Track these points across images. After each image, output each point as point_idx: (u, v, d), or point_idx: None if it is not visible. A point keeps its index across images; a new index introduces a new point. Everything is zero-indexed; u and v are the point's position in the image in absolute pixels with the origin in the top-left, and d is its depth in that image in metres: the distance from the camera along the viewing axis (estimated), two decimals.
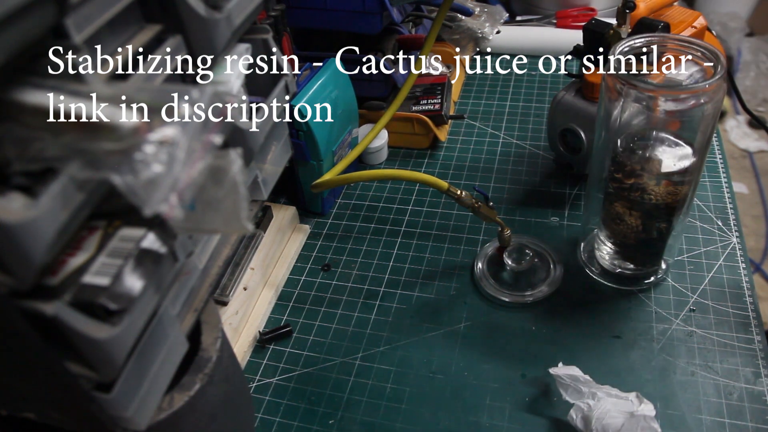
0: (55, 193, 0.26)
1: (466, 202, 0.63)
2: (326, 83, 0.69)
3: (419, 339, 0.61)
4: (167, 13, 0.36)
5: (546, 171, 0.79)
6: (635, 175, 0.54)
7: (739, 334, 0.58)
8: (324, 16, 0.76)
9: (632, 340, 0.59)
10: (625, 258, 0.63)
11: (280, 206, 0.73)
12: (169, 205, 0.26)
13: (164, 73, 0.35)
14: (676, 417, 0.52)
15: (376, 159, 0.83)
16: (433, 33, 0.72)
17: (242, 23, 0.41)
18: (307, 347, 0.61)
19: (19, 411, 0.38)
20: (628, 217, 0.57)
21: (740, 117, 2.16)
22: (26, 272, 0.26)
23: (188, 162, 0.26)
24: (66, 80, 0.28)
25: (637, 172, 0.54)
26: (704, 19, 0.70)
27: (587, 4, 1.06)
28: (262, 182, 0.52)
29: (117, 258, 0.30)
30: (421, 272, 0.68)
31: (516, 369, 0.57)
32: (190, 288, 0.43)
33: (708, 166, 0.77)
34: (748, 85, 2.17)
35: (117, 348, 0.30)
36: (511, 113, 0.90)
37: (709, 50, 0.51)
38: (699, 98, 0.49)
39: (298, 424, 0.55)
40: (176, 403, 0.39)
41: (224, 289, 0.62)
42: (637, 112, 0.53)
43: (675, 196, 0.55)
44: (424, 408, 0.55)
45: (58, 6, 0.27)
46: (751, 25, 2.24)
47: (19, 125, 0.26)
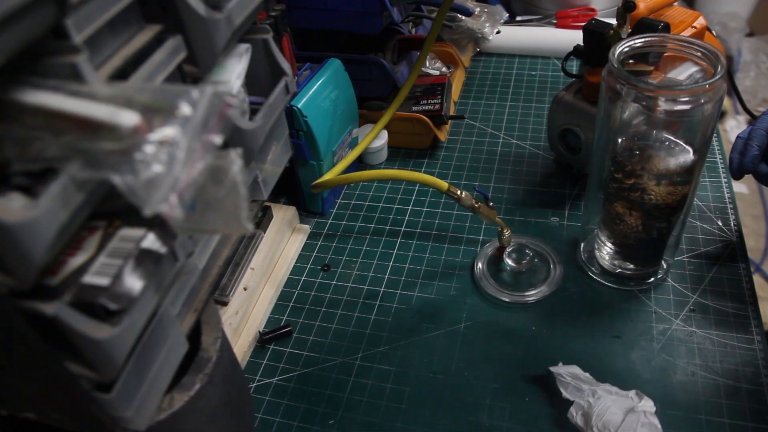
0: (55, 193, 0.26)
1: (466, 203, 0.64)
2: (326, 83, 0.69)
3: (419, 339, 0.61)
4: (167, 13, 0.36)
5: (546, 171, 0.79)
6: (635, 175, 0.54)
7: (739, 334, 0.58)
8: (324, 16, 0.76)
9: (632, 340, 0.59)
10: (625, 258, 0.63)
11: (280, 206, 0.73)
12: (169, 205, 0.26)
13: (164, 73, 0.35)
14: (676, 417, 0.52)
15: (376, 159, 0.83)
16: (433, 33, 0.72)
17: (242, 23, 0.41)
18: (307, 347, 0.61)
19: (19, 411, 0.38)
20: (628, 217, 0.57)
21: (740, 117, 2.16)
22: (26, 272, 0.26)
23: (188, 162, 0.26)
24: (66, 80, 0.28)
25: (637, 172, 0.54)
26: (704, 19, 0.70)
27: (587, 4, 1.06)
28: (262, 182, 0.52)
29: (117, 258, 0.30)
30: (421, 272, 0.68)
31: (516, 369, 0.57)
32: (190, 288, 0.43)
33: (708, 166, 0.77)
34: (748, 85, 2.17)
35: (117, 348, 0.30)
36: (511, 113, 0.90)
37: (709, 50, 0.51)
38: (699, 98, 0.49)
39: (298, 424, 0.55)
40: (176, 403, 0.39)
41: (224, 289, 0.62)
42: (637, 112, 0.53)
43: (675, 196, 0.55)
44: (424, 408, 0.55)
45: (58, 6, 0.27)
46: (751, 25, 2.24)
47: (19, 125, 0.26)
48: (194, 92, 0.27)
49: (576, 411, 0.51)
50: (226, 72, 0.42)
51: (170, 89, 0.28)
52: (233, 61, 0.43)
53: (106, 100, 0.27)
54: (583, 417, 0.50)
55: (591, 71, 0.68)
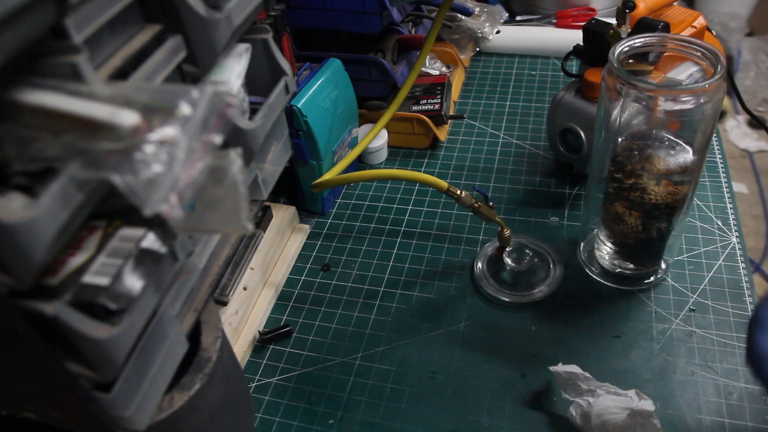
0: (55, 193, 0.26)
1: (466, 202, 0.63)
2: (326, 83, 0.69)
3: (419, 339, 0.61)
4: (167, 13, 0.36)
5: (546, 171, 0.79)
6: (635, 175, 0.54)
7: (739, 334, 0.58)
8: (324, 16, 0.76)
9: (632, 340, 0.59)
10: (625, 258, 0.63)
11: (280, 206, 0.73)
12: (169, 205, 0.26)
13: (164, 73, 0.35)
14: (676, 417, 0.52)
15: (376, 159, 0.83)
16: (433, 33, 0.72)
17: (242, 23, 0.41)
18: (307, 347, 0.61)
19: (19, 411, 0.38)
20: (628, 217, 0.57)
21: (740, 117, 2.16)
22: (26, 272, 0.26)
23: (188, 162, 0.26)
24: (66, 80, 0.28)
25: (637, 171, 0.54)
26: (704, 19, 0.70)
27: (587, 4, 1.05)
28: (262, 182, 0.52)
29: (117, 258, 0.30)
30: (421, 272, 0.68)
31: (516, 369, 0.57)
32: (190, 288, 0.43)
33: (708, 166, 0.77)
34: (748, 85, 2.17)
35: (117, 348, 0.30)
36: (511, 113, 0.90)
37: (709, 50, 0.51)
38: (699, 98, 0.49)
39: (298, 424, 0.55)
40: (176, 403, 0.39)
41: (224, 289, 0.62)
42: (637, 112, 0.53)
43: (675, 196, 0.55)
44: (424, 408, 0.55)
45: (58, 6, 0.27)
46: (751, 25, 2.24)
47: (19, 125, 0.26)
48: (194, 92, 0.27)
49: (575, 411, 0.51)
50: (226, 72, 0.42)
51: (170, 89, 0.28)
52: (233, 61, 0.43)
53: (106, 100, 0.27)
54: (583, 417, 0.50)
55: (591, 71, 0.68)
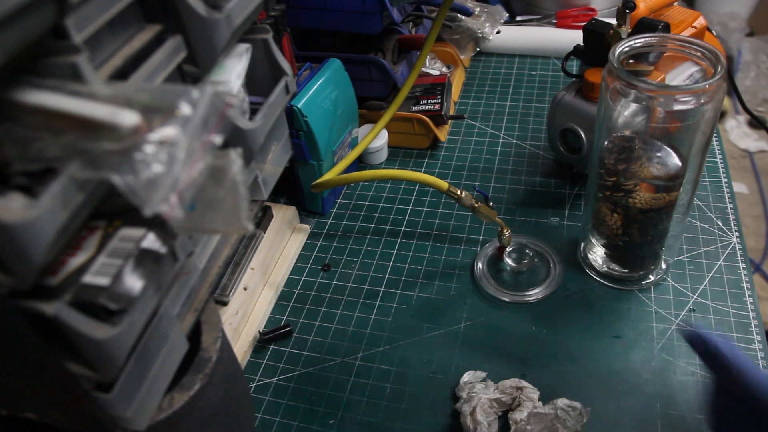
0: (55, 193, 0.26)
1: (466, 202, 0.63)
2: (326, 83, 0.69)
3: (419, 339, 0.61)
4: (167, 13, 0.36)
5: (546, 171, 0.79)
6: (616, 173, 0.54)
7: (739, 334, 0.58)
8: (324, 16, 0.76)
9: (632, 340, 0.59)
10: (612, 260, 0.63)
11: (280, 206, 0.73)
12: (169, 205, 0.26)
13: (164, 73, 0.35)
14: (676, 417, 0.52)
15: (376, 159, 0.83)
16: (433, 33, 0.72)
17: (242, 23, 0.41)
18: (307, 347, 0.61)
19: (19, 411, 0.38)
20: (609, 218, 0.58)
21: (740, 117, 2.16)
22: (26, 272, 0.26)
23: (188, 162, 0.26)
24: (66, 80, 0.28)
25: (619, 169, 0.54)
26: (704, 19, 0.70)
27: (587, 4, 1.05)
28: (262, 182, 0.52)
29: (117, 258, 0.30)
30: (421, 272, 0.68)
31: (516, 369, 0.57)
32: (190, 288, 0.43)
33: (708, 166, 0.77)
34: (748, 85, 2.17)
35: (117, 348, 0.30)
36: (511, 113, 0.90)
37: (709, 50, 0.51)
38: (699, 98, 0.49)
39: (298, 424, 0.55)
40: (176, 403, 0.39)
41: (224, 289, 0.62)
42: (637, 112, 0.53)
43: (660, 202, 0.55)
44: (424, 408, 0.55)
45: (58, 6, 0.27)
46: (751, 25, 2.24)
47: (19, 125, 0.26)
48: (194, 92, 0.27)
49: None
50: (226, 72, 0.42)
51: (170, 89, 0.28)
52: (233, 61, 0.43)
53: (106, 100, 0.27)
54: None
55: (591, 71, 0.68)
